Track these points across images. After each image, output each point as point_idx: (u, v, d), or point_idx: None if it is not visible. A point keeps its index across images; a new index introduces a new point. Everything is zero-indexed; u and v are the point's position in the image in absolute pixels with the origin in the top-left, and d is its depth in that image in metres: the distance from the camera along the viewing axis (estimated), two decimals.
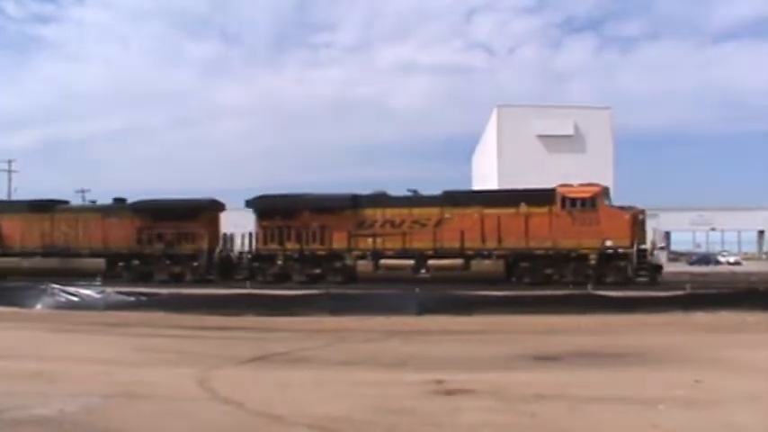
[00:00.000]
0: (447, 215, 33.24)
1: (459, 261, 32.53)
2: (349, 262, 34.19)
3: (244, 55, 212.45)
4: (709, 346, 17.54)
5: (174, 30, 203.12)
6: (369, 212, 34.32)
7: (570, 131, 65.78)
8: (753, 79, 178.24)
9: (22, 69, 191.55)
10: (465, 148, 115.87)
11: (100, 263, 36.55)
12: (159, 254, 36.62)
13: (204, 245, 36.17)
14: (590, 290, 26.57)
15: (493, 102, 73.58)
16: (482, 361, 15.76)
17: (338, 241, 34.33)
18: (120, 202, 38.81)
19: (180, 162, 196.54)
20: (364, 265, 33.59)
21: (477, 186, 79.66)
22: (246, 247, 36.38)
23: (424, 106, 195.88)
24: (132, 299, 27.87)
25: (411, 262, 33.01)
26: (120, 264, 36.85)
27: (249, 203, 36.20)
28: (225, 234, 38.14)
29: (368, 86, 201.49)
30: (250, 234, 36.23)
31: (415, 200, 34.69)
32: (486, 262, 32.43)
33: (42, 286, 29.78)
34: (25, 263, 37.62)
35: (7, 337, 20.76)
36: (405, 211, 33.94)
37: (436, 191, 34.62)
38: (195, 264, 35.99)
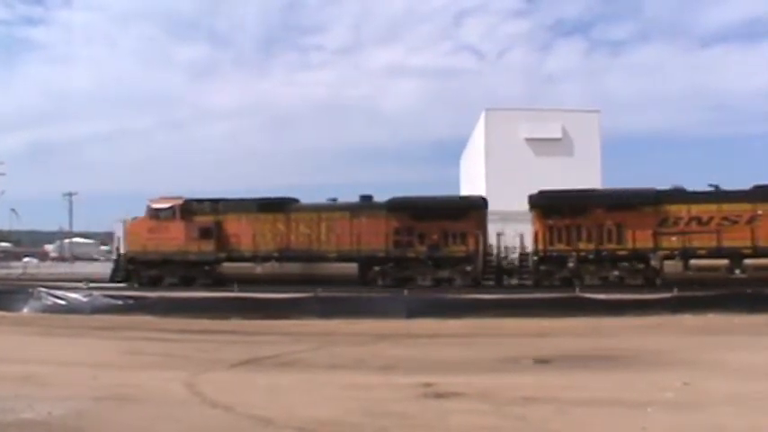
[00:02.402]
0: (760, 211, 31.00)
1: None
2: (654, 263, 31.59)
3: (233, 57, 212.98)
4: (698, 349, 17.61)
5: (162, 32, 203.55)
6: (673, 209, 31.78)
7: (558, 135, 65.73)
8: (741, 83, 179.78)
9: (9, 71, 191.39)
10: (454, 151, 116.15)
11: (351, 268, 33.64)
12: (424, 257, 33.37)
13: (478, 246, 32.87)
14: (578, 292, 26.59)
15: (482, 104, 73.75)
16: (471, 364, 15.79)
17: (641, 240, 31.82)
18: (366, 199, 35.31)
19: (168, 164, 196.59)
20: (672, 266, 31.16)
21: (464, 189, 79.65)
22: (516, 248, 33.89)
23: (413, 109, 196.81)
24: (119, 302, 27.79)
25: (725, 262, 30.91)
26: (376, 268, 33.63)
27: (530, 200, 32.95)
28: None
29: (357, 89, 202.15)
30: (521, 235, 33.59)
31: (722, 195, 32.13)
32: None
33: (29, 290, 29.63)
34: (258, 269, 34.37)
35: None
36: (712, 207, 31.55)
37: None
38: (468, 267, 32.83)
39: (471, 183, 72.59)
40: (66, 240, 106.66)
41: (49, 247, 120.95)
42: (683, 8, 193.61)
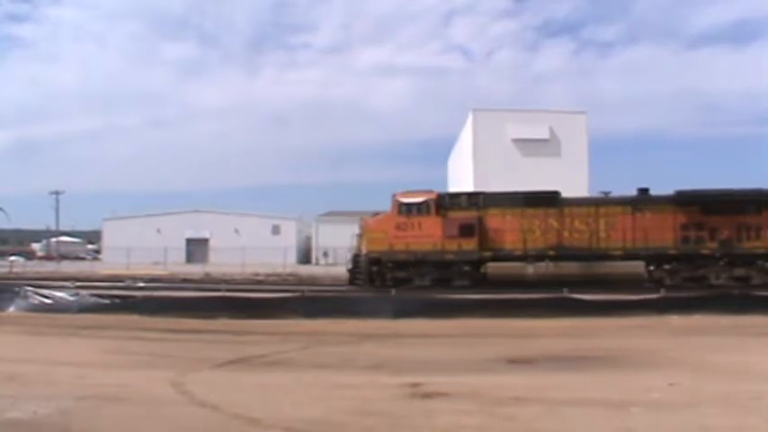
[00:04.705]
0: None
1: None
2: None
3: (221, 56, 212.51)
4: (684, 349, 17.69)
5: (150, 30, 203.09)
6: None
7: (545, 135, 65.97)
8: (728, 84, 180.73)
9: None
10: (442, 151, 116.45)
11: (637, 266, 31.97)
12: (718, 254, 31.60)
13: None
14: (565, 293, 26.64)
15: (470, 104, 73.91)
16: (458, 364, 15.81)
17: None
18: (644, 192, 33.40)
19: (156, 163, 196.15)
20: None
21: (451, 189, 79.70)
22: None
23: (401, 108, 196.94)
24: (106, 301, 27.59)
25: None
26: (666, 266, 31.80)
27: None
28: None
29: (346, 88, 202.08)
30: None
31: None
32: None
33: (16, 288, 29.48)
34: (530, 269, 32.47)
35: None
36: None
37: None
38: None
39: (459, 183, 72.73)
40: (53, 239, 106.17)
41: (35, 246, 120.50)
42: (672, 10, 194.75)
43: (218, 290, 30.14)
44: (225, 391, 12.24)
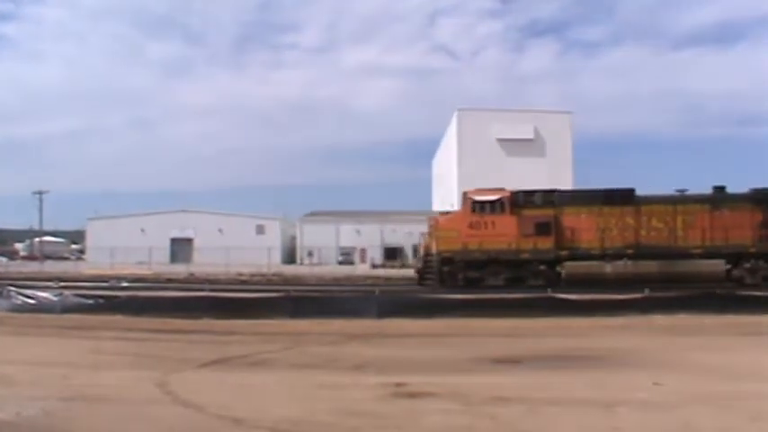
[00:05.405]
0: None
1: None
2: None
3: (206, 55, 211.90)
4: (668, 349, 17.80)
5: (135, 29, 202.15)
6: None
7: (530, 135, 66.17)
8: (712, 85, 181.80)
9: None
10: (427, 151, 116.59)
11: (717, 265, 31.59)
12: None
13: None
14: (549, 292, 26.69)
15: (456, 104, 73.93)
16: (443, 364, 15.84)
17: None
18: (719, 190, 33.19)
19: (139, 163, 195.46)
20: None
21: (436, 190, 79.85)
22: None
23: (387, 108, 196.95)
24: (90, 302, 27.45)
25: None
26: (746, 265, 31.62)
27: None
28: None
29: (332, 88, 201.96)
30: None
31: None
32: None
33: None
34: (608, 267, 31.96)
35: None
36: None
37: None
38: None
39: (443, 183, 72.85)
40: (37, 239, 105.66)
41: (18, 246, 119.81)
42: (656, 11, 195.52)
43: (203, 290, 30.02)
44: (209, 392, 12.22)
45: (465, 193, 33.88)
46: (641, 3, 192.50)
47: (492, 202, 32.79)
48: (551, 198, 33.19)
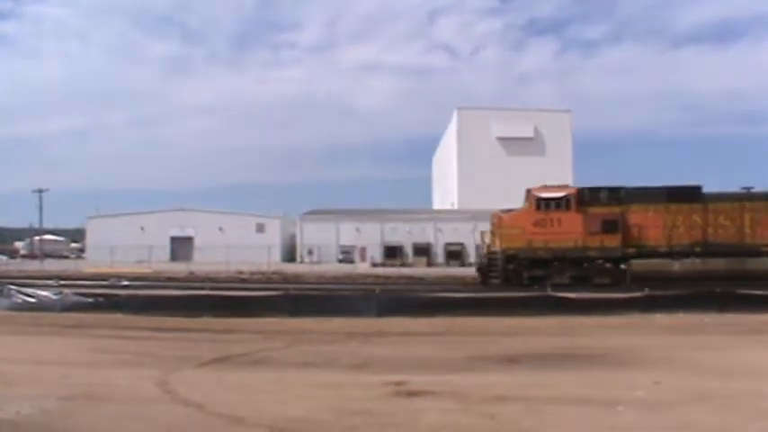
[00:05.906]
0: None
1: None
2: None
3: (206, 54, 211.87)
4: (668, 348, 17.78)
5: (135, 28, 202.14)
6: None
7: (530, 134, 66.29)
8: (712, 83, 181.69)
9: None
10: (427, 149, 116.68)
11: None
12: None
13: None
14: (549, 291, 26.70)
15: (455, 103, 73.97)
16: (442, 363, 15.83)
17: None
18: None
19: (140, 161, 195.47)
20: None
21: (436, 187, 79.84)
22: None
23: (386, 107, 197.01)
24: (90, 300, 27.47)
25: None
26: None
27: None
28: None
29: (331, 86, 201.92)
30: None
31: None
32: None
33: None
34: (676, 265, 32.07)
35: None
36: None
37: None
38: None
39: (443, 181, 72.84)
40: (37, 237, 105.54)
41: (18, 244, 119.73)
42: (656, 9, 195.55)
43: (203, 288, 30.03)
44: (209, 390, 12.23)
45: (529, 190, 33.57)
46: (641, 1, 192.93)
47: (557, 200, 32.74)
48: (617, 195, 33.12)
